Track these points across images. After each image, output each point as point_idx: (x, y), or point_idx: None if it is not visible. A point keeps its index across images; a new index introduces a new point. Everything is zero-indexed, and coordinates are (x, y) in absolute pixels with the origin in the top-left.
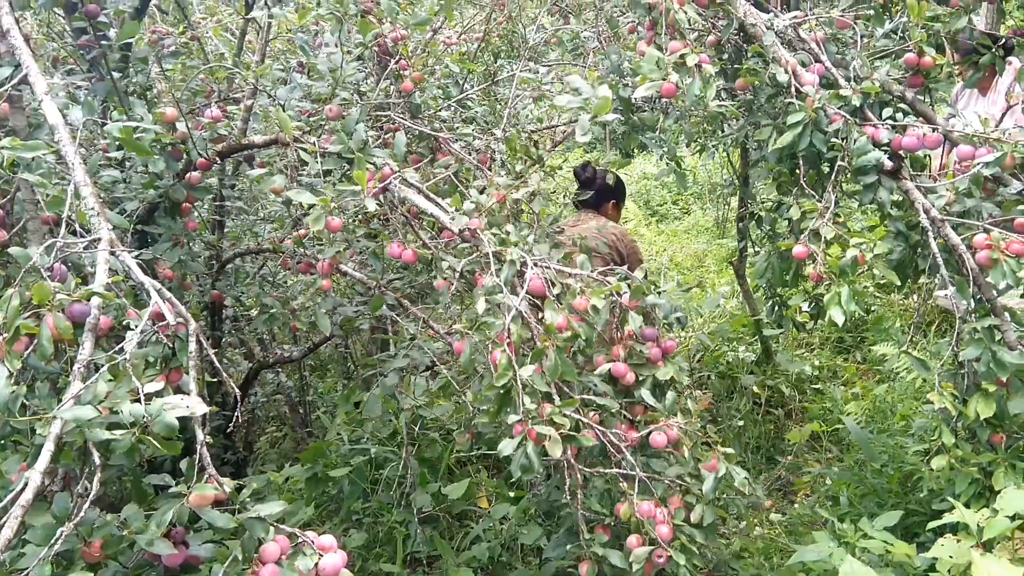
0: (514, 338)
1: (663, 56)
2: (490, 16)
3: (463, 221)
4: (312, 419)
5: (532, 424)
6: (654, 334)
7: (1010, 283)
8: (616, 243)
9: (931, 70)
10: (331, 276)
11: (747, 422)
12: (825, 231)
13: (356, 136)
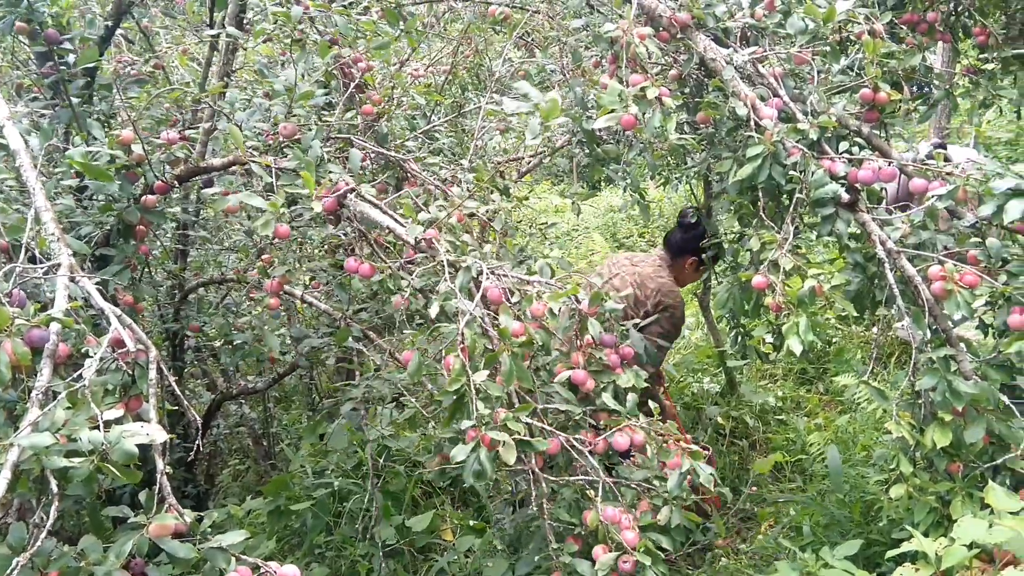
0: (468, 343)
1: (624, 89)
2: (457, 49)
3: (418, 230)
4: (276, 451)
5: (485, 430)
6: (612, 340)
7: (964, 314)
8: (644, 297)
9: (886, 105)
10: (278, 295)
11: (712, 453)
12: (784, 262)
13: (312, 152)
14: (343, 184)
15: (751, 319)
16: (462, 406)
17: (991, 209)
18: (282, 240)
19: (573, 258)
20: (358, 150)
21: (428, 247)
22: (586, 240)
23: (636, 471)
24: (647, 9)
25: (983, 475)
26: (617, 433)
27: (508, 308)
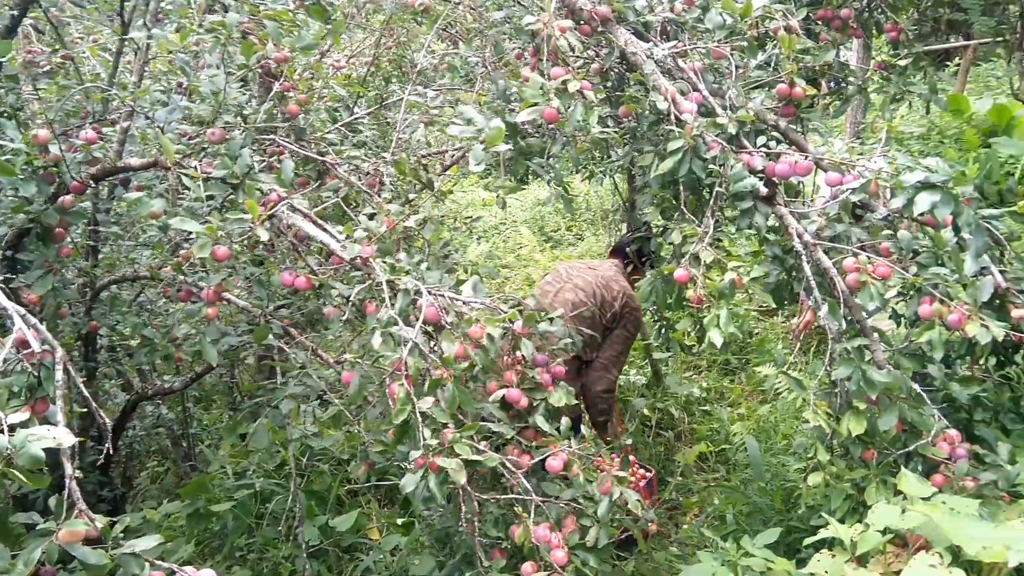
0: (411, 371)
1: (546, 82)
2: (379, 41)
3: (355, 249)
4: (196, 452)
5: (433, 456)
6: (544, 360)
7: (877, 304)
8: (611, 298)
9: (802, 101)
10: (216, 304)
11: (638, 444)
12: (704, 255)
13: (241, 161)
14: (275, 197)
15: (674, 312)
16: (408, 433)
17: (902, 202)
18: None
19: (501, 252)
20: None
21: (364, 265)
22: (514, 234)
23: (565, 490)
24: (568, 2)
25: (896, 461)
26: (551, 457)
27: (450, 333)
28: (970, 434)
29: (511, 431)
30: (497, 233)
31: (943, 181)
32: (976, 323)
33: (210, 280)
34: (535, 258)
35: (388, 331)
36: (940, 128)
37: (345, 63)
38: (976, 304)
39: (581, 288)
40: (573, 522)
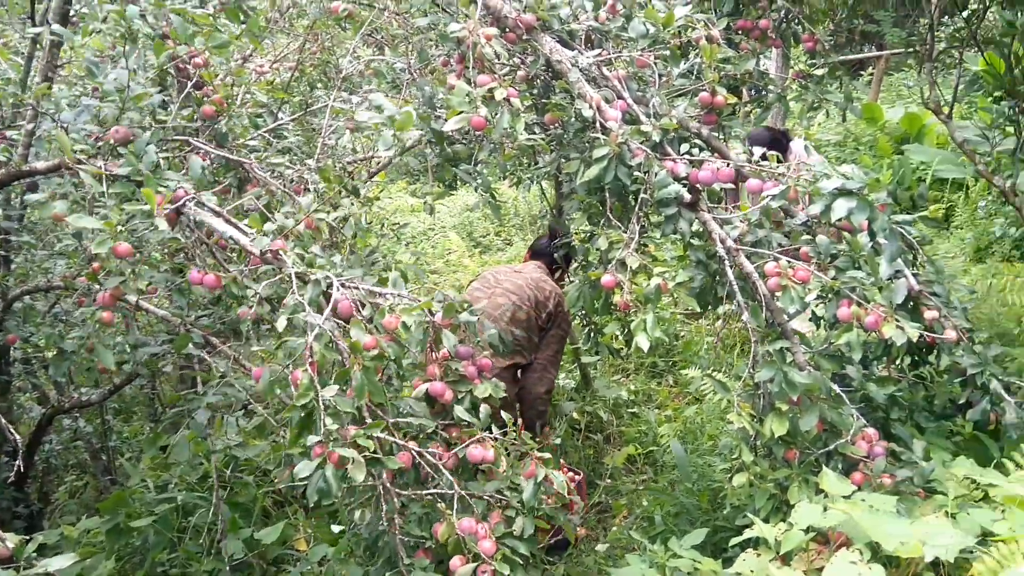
0: (317, 357)
1: (472, 90)
2: (303, 46)
3: (264, 242)
4: (116, 466)
5: (333, 446)
6: (469, 352)
7: (798, 307)
8: (544, 298)
9: (723, 109)
10: (113, 308)
11: (568, 447)
12: (631, 261)
13: (146, 158)
14: (182, 192)
15: (602, 317)
16: (310, 422)
17: (820, 208)
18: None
19: (430, 258)
20: (197, 155)
21: (275, 259)
22: (442, 240)
23: (488, 483)
24: (493, 10)
25: (817, 461)
26: (471, 446)
27: (360, 321)
28: (887, 432)
29: (432, 425)
30: (426, 239)
31: (859, 188)
32: (892, 325)
33: (107, 282)
34: (464, 264)
35: (295, 317)
36: (856, 135)
37: (269, 68)
38: (891, 306)
39: (512, 291)
40: (499, 515)
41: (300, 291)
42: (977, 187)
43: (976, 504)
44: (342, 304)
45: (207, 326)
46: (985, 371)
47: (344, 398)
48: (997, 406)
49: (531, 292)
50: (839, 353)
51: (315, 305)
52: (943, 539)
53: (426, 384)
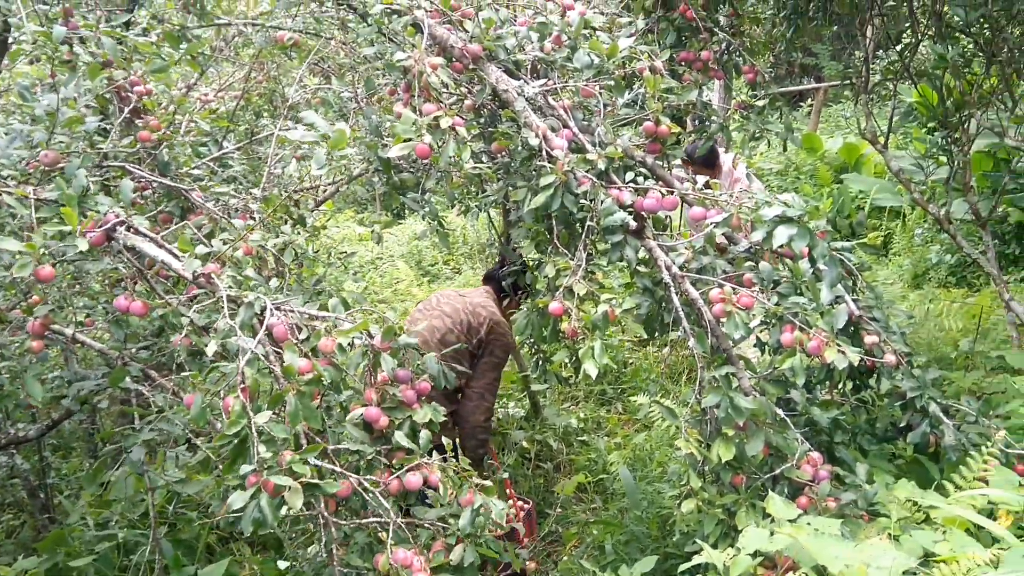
0: (249, 383)
1: (418, 118)
2: (249, 74)
3: (195, 264)
4: (55, 504)
5: (268, 475)
6: (407, 376)
7: (742, 333)
8: (477, 324)
9: (667, 138)
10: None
11: (518, 477)
12: (578, 288)
13: (76, 182)
14: (112, 216)
15: (549, 344)
16: (244, 450)
17: (762, 235)
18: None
19: (378, 287)
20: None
21: (207, 282)
22: (391, 269)
23: (430, 511)
24: (439, 39)
25: (764, 485)
26: (409, 472)
27: (294, 344)
28: (831, 456)
29: (371, 452)
30: (374, 268)
31: (799, 215)
32: (834, 349)
33: (37, 311)
34: (412, 292)
35: (226, 342)
36: (796, 164)
37: (214, 97)
38: (833, 331)
39: (448, 315)
40: (441, 544)
41: (232, 314)
42: (914, 215)
43: (918, 526)
44: (277, 328)
45: (146, 359)
46: (924, 394)
47: (279, 424)
48: (936, 429)
49: (465, 316)
50: (783, 378)
51: (247, 329)
52: (886, 561)
53: (361, 409)
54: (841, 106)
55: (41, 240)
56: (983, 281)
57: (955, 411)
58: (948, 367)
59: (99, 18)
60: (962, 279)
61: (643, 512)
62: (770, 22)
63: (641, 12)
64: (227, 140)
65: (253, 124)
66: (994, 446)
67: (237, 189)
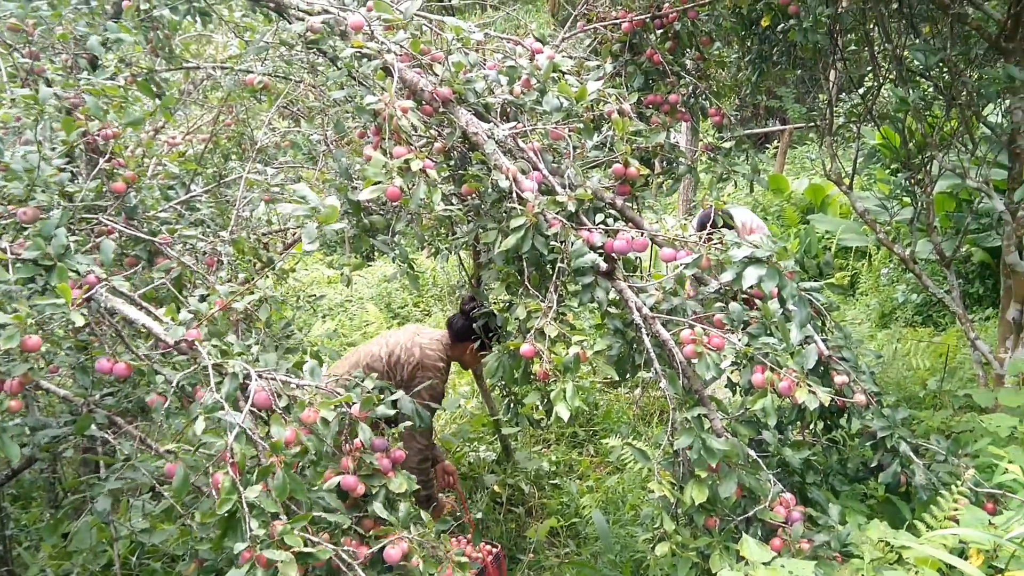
0: (238, 458)
1: (389, 161)
2: (217, 117)
3: (179, 332)
4: (14, 556)
5: (261, 549)
6: (383, 444)
7: (713, 374)
8: (404, 362)
9: (636, 180)
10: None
11: (489, 522)
12: (549, 330)
13: (56, 241)
14: (93, 279)
15: (521, 387)
16: (233, 524)
17: (731, 276)
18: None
19: (347, 330)
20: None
21: (190, 349)
22: (360, 311)
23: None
24: (409, 83)
25: (737, 527)
26: (389, 546)
27: (279, 417)
28: (804, 496)
29: (347, 520)
30: (343, 311)
31: (768, 256)
32: (804, 390)
33: (15, 370)
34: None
35: (213, 416)
36: (763, 205)
37: (181, 140)
38: (803, 371)
39: (388, 344)
40: None
41: (217, 385)
42: (879, 255)
43: (891, 566)
44: (259, 396)
45: (111, 406)
46: (894, 434)
47: (268, 498)
48: (907, 468)
49: (396, 351)
50: (755, 418)
51: (231, 400)
52: None
53: (338, 477)
54: (806, 147)
55: (27, 311)
56: (948, 320)
57: (925, 450)
58: (917, 406)
59: (66, 63)
60: (928, 318)
61: (616, 556)
62: (735, 66)
63: (609, 56)
64: (195, 183)
65: (221, 167)
66: (964, 485)
67: (205, 232)
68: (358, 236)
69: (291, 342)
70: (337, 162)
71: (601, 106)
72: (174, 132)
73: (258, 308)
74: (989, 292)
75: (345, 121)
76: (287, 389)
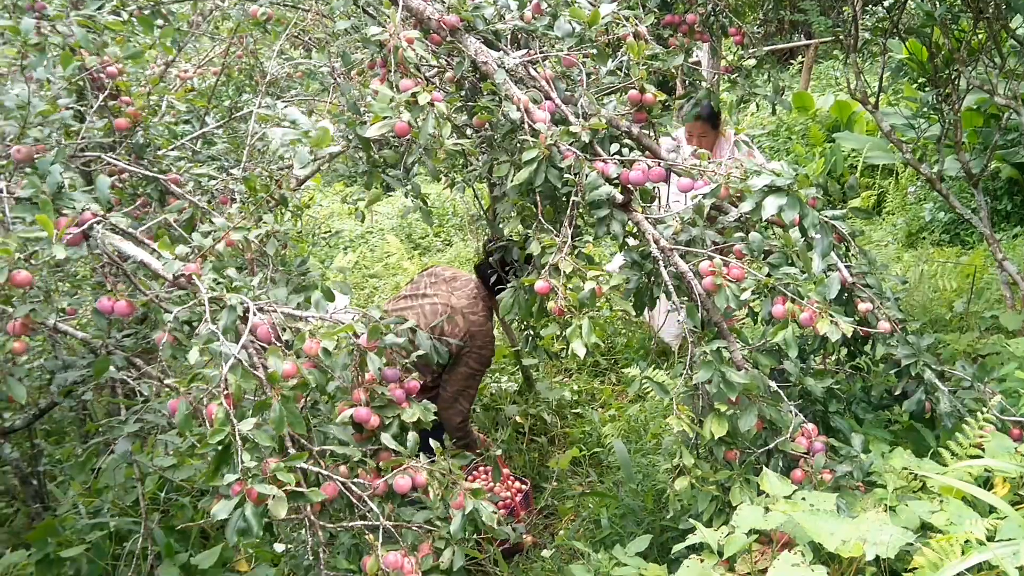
0: (232, 390)
1: (396, 94)
2: (228, 49)
3: (176, 267)
4: (47, 491)
5: (252, 483)
6: (396, 375)
7: (732, 306)
8: (451, 332)
9: (653, 106)
10: (23, 337)
11: (512, 452)
12: (564, 265)
13: (51, 179)
14: (88, 215)
15: (536, 323)
16: (227, 457)
17: (751, 206)
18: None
19: (368, 262)
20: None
21: (188, 283)
22: (381, 243)
23: (418, 512)
24: (415, 11)
25: (758, 460)
26: (398, 475)
27: (277, 349)
28: (826, 426)
29: (358, 453)
30: (364, 242)
31: (788, 184)
32: (826, 321)
33: (17, 311)
34: (403, 266)
35: (213, 350)
36: (788, 124)
37: (193, 73)
38: (825, 301)
39: (426, 315)
40: (428, 546)
41: (214, 318)
42: (907, 173)
43: (915, 495)
44: (260, 329)
45: (130, 347)
46: (919, 361)
47: (263, 431)
48: (931, 396)
49: (439, 322)
50: (777, 348)
51: (231, 333)
52: (883, 536)
53: (351, 410)
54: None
55: (15, 244)
56: (976, 238)
57: (950, 376)
58: (943, 329)
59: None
60: (956, 236)
61: (638, 485)
62: None
63: None
64: (210, 116)
65: (235, 100)
66: (990, 412)
67: (219, 168)
68: (370, 172)
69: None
70: (345, 95)
71: (616, 29)
72: (186, 66)
73: (265, 243)
74: (1018, 208)
75: (352, 53)
76: (289, 322)
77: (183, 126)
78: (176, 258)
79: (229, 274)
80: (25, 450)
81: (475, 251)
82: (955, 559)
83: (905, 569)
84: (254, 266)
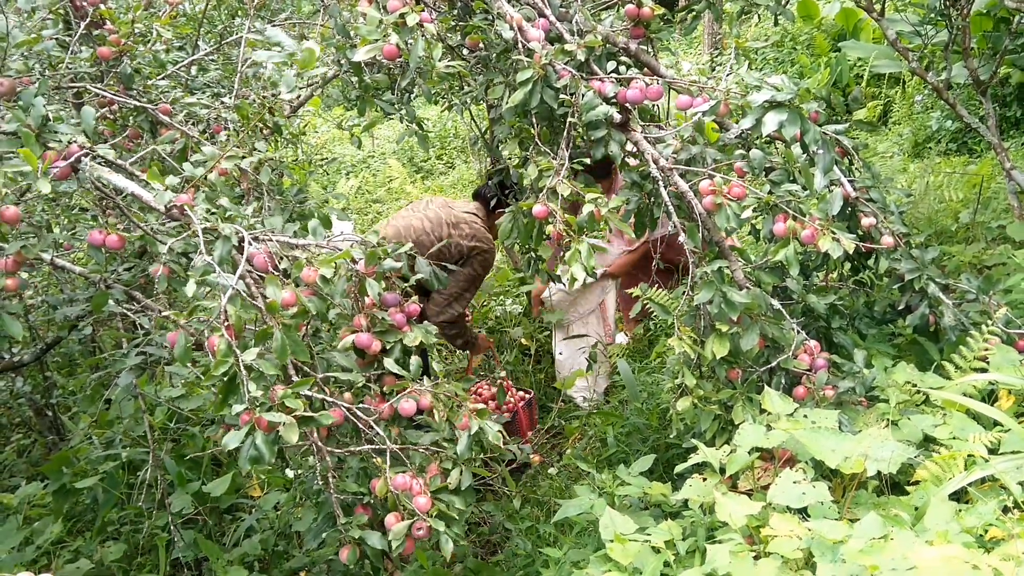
0: (232, 320)
1: (383, 16)
2: None
3: (167, 197)
4: (61, 422)
5: (260, 412)
6: (396, 299)
7: (733, 225)
8: (459, 236)
9: (651, 20)
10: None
11: (518, 373)
12: (562, 188)
13: (34, 111)
14: (75, 148)
15: (535, 247)
16: (233, 388)
17: (751, 122)
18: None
19: (371, 186)
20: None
21: (181, 214)
22: (383, 167)
23: (424, 435)
24: None
25: (760, 378)
26: (403, 399)
27: (275, 278)
28: (829, 342)
29: (361, 379)
30: (366, 167)
31: (789, 99)
32: (828, 238)
33: (8, 248)
34: (406, 190)
35: (204, 279)
36: (792, 34)
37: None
38: (828, 218)
39: (430, 219)
40: (436, 468)
41: (209, 249)
42: (913, 81)
43: (917, 409)
44: (256, 258)
45: (129, 281)
46: (923, 275)
47: (267, 360)
48: (935, 309)
49: (446, 227)
50: (779, 265)
51: (227, 263)
52: (884, 453)
53: (352, 336)
54: None
55: (3, 180)
56: (984, 146)
57: (954, 289)
58: (948, 240)
59: None
60: (963, 145)
61: (643, 404)
62: None
63: None
64: (202, 42)
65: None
66: (994, 324)
67: (212, 96)
68: (362, 97)
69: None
70: (333, 18)
71: None
72: None
73: (259, 172)
74: None
75: None
76: (286, 250)
77: (175, 53)
78: (167, 189)
79: (222, 204)
80: (38, 383)
81: (477, 173)
82: (958, 473)
83: (908, 482)
84: (251, 195)
